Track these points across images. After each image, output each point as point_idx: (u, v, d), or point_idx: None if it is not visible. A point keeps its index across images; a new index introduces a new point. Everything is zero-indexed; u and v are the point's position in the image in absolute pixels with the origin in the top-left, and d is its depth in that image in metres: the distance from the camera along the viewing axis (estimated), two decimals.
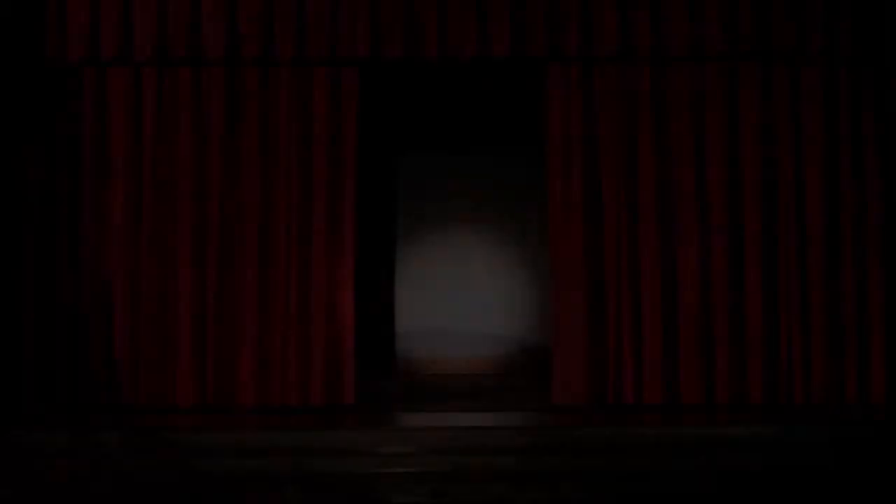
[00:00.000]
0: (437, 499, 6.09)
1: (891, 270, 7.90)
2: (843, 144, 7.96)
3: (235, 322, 7.86)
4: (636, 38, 7.92)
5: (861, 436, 6.69)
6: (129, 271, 7.87)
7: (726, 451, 6.53)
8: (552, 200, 8.05)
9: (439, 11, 7.88)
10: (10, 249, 7.82)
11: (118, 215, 7.91)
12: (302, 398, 7.85)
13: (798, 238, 7.95)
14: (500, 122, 10.66)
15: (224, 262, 7.90)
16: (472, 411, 7.87)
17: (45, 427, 7.01)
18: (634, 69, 8.04)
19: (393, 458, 6.56)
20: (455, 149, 11.13)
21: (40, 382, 7.77)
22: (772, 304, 7.92)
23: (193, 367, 7.82)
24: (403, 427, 7.11)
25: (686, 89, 8.02)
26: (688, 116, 8.01)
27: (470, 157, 11.16)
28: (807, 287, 7.92)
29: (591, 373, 7.87)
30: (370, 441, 6.70)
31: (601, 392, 7.89)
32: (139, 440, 6.72)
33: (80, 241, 7.89)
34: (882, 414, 7.45)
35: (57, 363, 7.79)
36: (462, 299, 11.08)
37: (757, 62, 8.00)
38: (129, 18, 7.85)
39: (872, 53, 7.96)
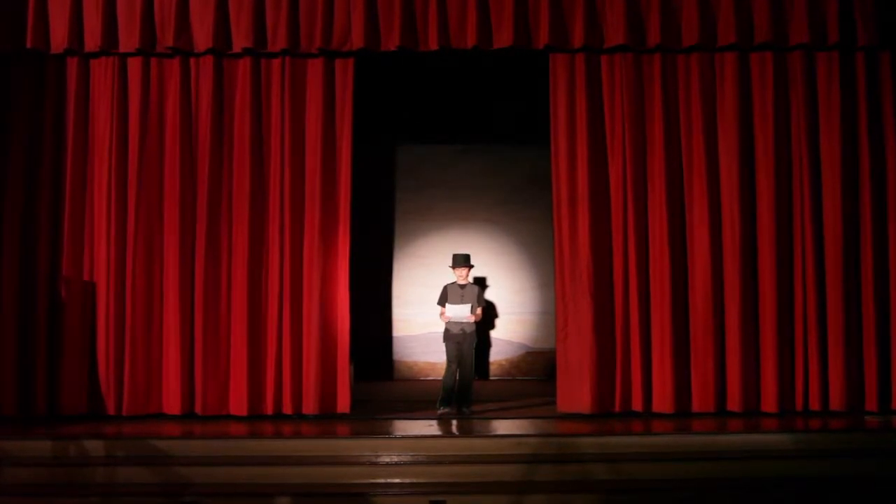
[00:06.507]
0: None
1: None
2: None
3: (221, 325, 7.58)
4: (646, 27, 7.61)
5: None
6: (114, 263, 7.57)
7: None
8: (557, 194, 7.75)
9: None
10: None
11: (102, 210, 7.64)
12: (296, 406, 7.54)
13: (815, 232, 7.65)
14: (503, 114, 10.33)
15: (211, 260, 7.60)
16: (473, 418, 7.60)
17: (27, 434, 6.78)
18: (644, 58, 7.74)
19: (390, 467, 6.31)
20: (456, 142, 10.83)
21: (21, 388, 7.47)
22: (787, 306, 7.60)
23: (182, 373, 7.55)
24: (400, 435, 6.86)
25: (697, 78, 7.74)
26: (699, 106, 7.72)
27: (471, 150, 10.87)
28: (825, 285, 7.61)
29: (599, 381, 7.49)
30: (366, 449, 6.47)
31: (608, 400, 7.55)
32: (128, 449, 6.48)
33: (62, 235, 7.60)
34: None
35: (38, 368, 7.48)
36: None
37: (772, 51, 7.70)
38: (113, 9, 7.59)
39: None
